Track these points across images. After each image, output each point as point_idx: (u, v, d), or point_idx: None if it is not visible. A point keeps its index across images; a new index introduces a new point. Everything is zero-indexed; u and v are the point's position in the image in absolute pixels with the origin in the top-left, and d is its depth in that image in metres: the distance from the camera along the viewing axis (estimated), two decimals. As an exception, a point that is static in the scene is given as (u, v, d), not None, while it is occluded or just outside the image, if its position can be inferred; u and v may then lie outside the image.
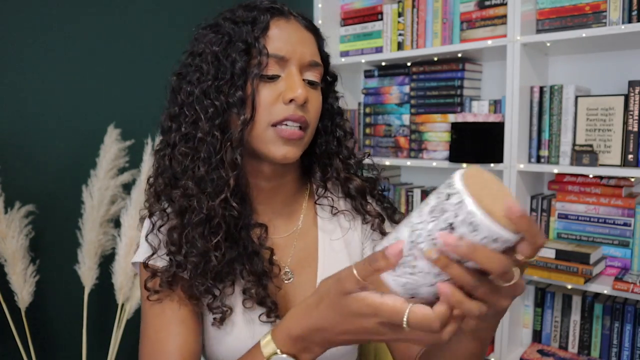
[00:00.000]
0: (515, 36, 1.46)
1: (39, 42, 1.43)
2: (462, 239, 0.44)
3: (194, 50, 0.73)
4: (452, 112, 1.71)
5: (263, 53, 0.69)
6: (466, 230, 0.44)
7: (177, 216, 0.72)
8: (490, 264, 0.44)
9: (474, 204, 0.43)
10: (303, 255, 0.81)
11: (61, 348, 1.52)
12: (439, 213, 0.45)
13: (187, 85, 0.72)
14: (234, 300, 0.74)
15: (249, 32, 0.70)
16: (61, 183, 1.49)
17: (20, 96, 1.41)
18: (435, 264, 0.45)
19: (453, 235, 0.44)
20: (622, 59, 1.53)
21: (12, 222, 1.33)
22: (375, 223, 0.83)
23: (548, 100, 1.50)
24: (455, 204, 0.44)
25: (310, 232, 0.83)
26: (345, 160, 0.83)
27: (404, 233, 0.48)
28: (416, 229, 0.47)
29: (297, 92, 0.70)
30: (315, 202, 0.84)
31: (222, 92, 0.69)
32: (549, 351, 1.54)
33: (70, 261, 1.46)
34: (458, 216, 0.44)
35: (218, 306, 0.72)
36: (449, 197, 0.45)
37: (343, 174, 0.82)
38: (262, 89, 0.70)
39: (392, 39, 1.83)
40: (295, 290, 0.79)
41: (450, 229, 0.44)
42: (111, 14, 1.56)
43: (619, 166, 1.39)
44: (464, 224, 0.44)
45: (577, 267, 1.38)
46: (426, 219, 0.46)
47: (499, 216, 0.43)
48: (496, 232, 0.43)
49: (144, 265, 0.76)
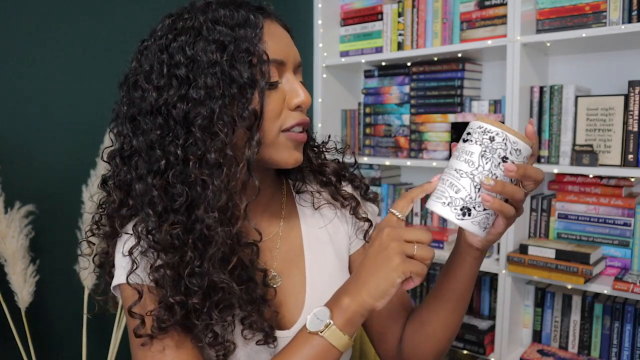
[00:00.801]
0: (515, 36, 1.46)
1: (39, 42, 1.43)
2: (515, 164, 0.59)
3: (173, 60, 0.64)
4: (452, 112, 1.71)
5: (264, 60, 0.65)
6: (514, 156, 0.59)
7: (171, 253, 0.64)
8: (536, 174, 0.61)
9: (512, 135, 0.59)
10: (289, 257, 0.79)
11: (61, 348, 1.52)
12: (491, 153, 0.59)
13: (180, 102, 0.63)
14: (236, 332, 0.70)
15: (248, 37, 0.64)
16: (61, 183, 1.49)
17: (20, 96, 1.41)
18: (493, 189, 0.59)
19: (509, 164, 0.59)
20: (622, 59, 1.52)
21: (12, 222, 1.33)
22: (352, 206, 0.82)
23: (548, 100, 1.50)
24: (501, 141, 0.59)
25: (294, 231, 0.81)
26: (313, 148, 0.82)
27: (465, 182, 0.60)
28: (475, 175, 0.60)
29: (302, 97, 0.69)
30: (297, 192, 0.83)
31: (231, 109, 0.63)
32: (549, 351, 1.54)
33: (70, 261, 1.46)
34: (507, 149, 0.59)
35: (221, 342, 0.66)
36: (492, 139, 0.59)
37: (315, 162, 0.81)
38: (267, 99, 0.66)
39: (392, 39, 1.83)
40: (285, 293, 0.77)
41: (502, 160, 0.59)
42: (111, 13, 1.56)
43: (619, 166, 1.39)
44: (513, 152, 0.59)
45: (577, 267, 1.38)
46: (481, 163, 0.59)
47: (524, 137, 0.60)
48: (528, 149, 0.61)
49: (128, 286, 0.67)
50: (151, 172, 0.64)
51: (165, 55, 0.65)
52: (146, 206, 0.65)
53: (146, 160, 0.65)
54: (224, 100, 0.63)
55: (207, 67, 0.63)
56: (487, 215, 0.61)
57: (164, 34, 0.67)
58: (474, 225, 0.61)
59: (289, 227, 0.81)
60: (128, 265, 0.67)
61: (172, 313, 0.64)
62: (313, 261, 0.80)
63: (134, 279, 0.67)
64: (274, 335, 0.70)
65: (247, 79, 0.63)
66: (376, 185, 1.96)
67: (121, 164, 0.68)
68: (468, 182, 0.60)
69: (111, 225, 0.71)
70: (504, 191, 0.59)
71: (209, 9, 0.66)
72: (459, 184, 0.60)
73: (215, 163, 0.63)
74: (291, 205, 0.84)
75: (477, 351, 1.60)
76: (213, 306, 0.65)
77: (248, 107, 0.64)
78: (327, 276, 0.80)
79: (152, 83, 0.65)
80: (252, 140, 0.64)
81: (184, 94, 0.63)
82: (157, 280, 0.65)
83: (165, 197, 0.64)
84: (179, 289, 0.64)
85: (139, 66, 0.68)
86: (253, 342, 0.70)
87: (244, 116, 0.63)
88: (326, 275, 0.80)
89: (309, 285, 0.78)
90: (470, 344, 1.61)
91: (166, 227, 0.63)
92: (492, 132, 0.59)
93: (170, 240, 0.64)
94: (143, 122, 0.65)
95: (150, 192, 0.64)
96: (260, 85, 0.64)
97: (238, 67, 0.63)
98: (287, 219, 0.82)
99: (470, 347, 1.61)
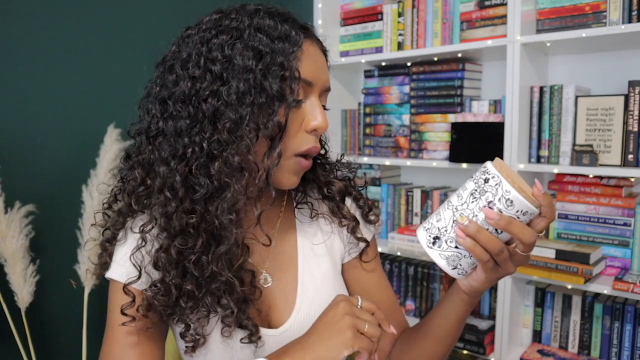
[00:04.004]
0: (515, 36, 1.46)
1: (39, 42, 1.43)
2: (501, 213, 0.56)
3: (210, 55, 0.65)
4: (452, 112, 1.71)
5: (295, 77, 0.66)
6: (503, 206, 0.56)
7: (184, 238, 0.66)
8: (522, 233, 0.57)
9: (508, 184, 0.55)
10: (281, 259, 0.80)
11: (61, 348, 1.52)
12: (480, 194, 0.57)
13: (211, 97, 0.64)
14: (209, 328, 0.72)
15: (285, 52, 0.65)
16: (61, 183, 1.49)
17: (20, 96, 1.41)
18: (465, 230, 0.57)
19: (488, 210, 0.56)
20: (622, 59, 1.53)
21: (12, 222, 1.33)
22: (350, 227, 0.83)
23: (548, 100, 1.50)
24: (494, 185, 0.56)
25: (289, 237, 0.82)
26: (323, 164, 0.83)
27: (447, 214, 0.59)
28: (458, 210, 0.58)
29: (320, 121, 0.69)
30: (295, 206, 0.84)
31: (258, 118, 0.64)
32: (549, 351, 1.54)
33: (70, 261, 1.46)
34: (497, 195, 0.56)
35: (192, 334, 0.70)
36: (486, 180, 0.57)
37: (322, 178, 0.82)
38: (290, 115, 0.67)
39: (392, 39, 1.83)
40: (274, 293, 0.78)
41: (488, 205, 0.56)
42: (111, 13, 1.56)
43: (619, 166, 1.39)
44: (502, 201, 0.56)
45: (577, 267, 1.38)
46: (467, 201, 0.58)
47: (527, 193, 0.56)
48: (526, 206, 0.56)
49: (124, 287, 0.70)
50: (175, 157, 0.66)
51: (205, 48, 0.66)
52: (167, 189, 0.66)
53: (171, 145, 0.66)
54: (253, 108, 0.64)
55: (242, 72, 0.64)
56: (459, 254, 0.60)
57: (208, 28, 0.68)
58: (441, 258, 0.60)
59: (284, 232, 0.82)
60: (133, 242, 0.70)
61: (168, 294, 0.66)
62: (306, 265, 0.81)
63: (137, 257, 0.69)
64: (258, 334, 0.72)
65: (276, 92, 0.64)
66: (376, 185, 1.96)
67: (146, 142, 0.69)
68: (449, 215, 0.59)
69: (128, 203, 0.71)
70: (477, 236, 0.57)
71: (256, 15, 0.68)
72: (443, 213, 0.60)
73: (238, 166, 0.64)
74: (289, 212, 0.85)
75: (477, 351, 1.60)
76: (207, 294, 0.67)
77: (273, 118, 0.64)
78: (319, 280, 0.81)
79: (188, 71, 0.66)
80: (274, 151, 0.66)
81: (215, 90, 0.64)
82: (158, 263, 0.67)
83: (185, 184, 0.66)
84: (178, 272, 0.67)
85: (178, 52, 0.69)
86: (234, 340, 0.72)
87: (268, 126, 0.64)
88: (319, 279, 0.81)
89: (300, 288, 0.79)
90: (470, 344, 1.61)
91: (183, 214, 0.65)
92: (489, 174, 0.57)
93: (185, 227, 0.66)
94: (173, 107, 0.66)
95: (173, 176, 0.65)
96: (288, 100, 0.65)
97: (270, 78, 0.64)
98: (283, 224, 0.83)
99: (470, 347, 1.61)
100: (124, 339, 0.70)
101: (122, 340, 0.70)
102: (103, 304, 0.77)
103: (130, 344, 0.70)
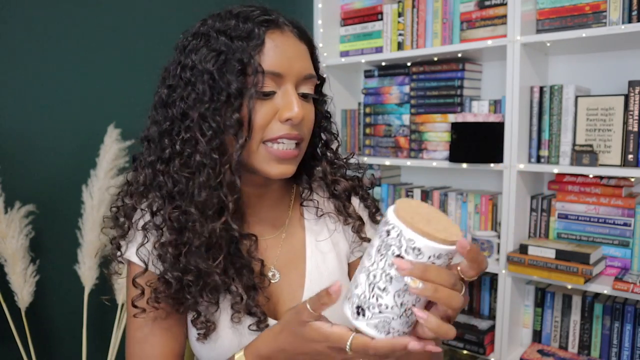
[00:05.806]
0: (515, 36, 1.46)
1: (39, 42, 1.43)
2: (409, 262, 0.49)
3: (184, 62, 0.70)
4: (452, 112, 1.71)
5: (259, 71, 0.67)
6: (412, 256, 0.49)
7: (173, 233, 0.71)
8: (440, 279, 0.49)
9: (411, 231, 0.49)
10: (290, 257, 0.82)
11: (61, 348, 1.52)
12: (385, 249, 0.51)
13: (180, 101, 0.70)
14: (219, 315, 0.75)
15: (244, 49, 0.67)
16: (61, 183, 1.49)
17: (20, 96, 1.41)
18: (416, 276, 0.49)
19: (399, 260, 0.49)
20: (622, 59, 1.52)
21: (12, 222, 1.33)
22: (356, 226, 0.83)
23: (548, 100, 1.50)
24: (396, 237, 0.50)
25: (297, 234, 0.84)
26: (332, 162, 0.84)
27: (362, 278, 0.53)
28: (370, 271, 0.52)
29: (294, 111, 0.69)
30: (301, 204, 0.85)
31: (219, 114, 0.68)
32: (549, 351, 1.54)
33: (70, 261, 1.46)
34: (402, 246, 0.49)
35: (202, 322, 0.73)
36: (388, 233, 0.51)
37: (330, 177, 0.82)
38: (258, 107, 0.69)
39: (392, 39, 1.83)
40: (282, 289, 0.79)
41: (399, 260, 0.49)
42: (111, 13, 1.56)
43: (619, 166, 1.39)
44: (409, 251, 0.49)
45: (577, 267, 1.38)
46: (376, 259, 0.51)
47: (434, 235, 0.49)
48: (437, 249, 0.49)
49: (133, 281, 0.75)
50: (159, 159, 0.72)
51: (183, 56, 0.71)
52: (154, 189, 0.72)
53: (155, 148, 0.72)
54: (212, 106, 0.68)
55: (202, 74, 0.68)
56: (386, 317, 0.51)
57: (186, 36, 0.73)
58: (369, 328, 0.52)
59: (293, 229, 0.84)
60: (139, 238, 0.74)
61: (168, 286, 0.71)
62: (314, 261, 0.82)
63: (143, 252, 0.73)
64: (266, 322, 0.73)
65: (235, 89, 0.67)
66: (376, 185, 1.96)
67: (146, 147, 0.75)
68: (364, 279, 0.52)
69: (130, 204, 0.76)
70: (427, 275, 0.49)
71: (222, 19, 0.71)
72: (358, 278, 0.53)
73: (199, 163, 0.69)
74: (298, 210, 0.86)
75: (477, 351, 1.60)
76: (206, 286, 0.71)
77: (233, 116, 0.67)
78: (326, 277, 0.82)
79: (168, 79, 0.72)
80: (237, 144, 0.68)
81: (184, 95, 0.69)
82: (160, 255, 0.71)
83: (167, 184, 0.71)
84: (177, 266, 0.70)
85: (169, 61, 0.75)
86: (243, 327, 0.74)
87: (228, 124, 0.67)
88: (326, 276, 0.82)
89: (307, 284, 0.80)
90: (470, 344, 1.61)
91: (169, 209, 0.70)
92: (388, 224, 0.51)
93: (170, 222, 0.70)
94: (157, 113, 0.73)
95: (157, 176, 0.72)
96: (249, 93, 0.67)
97: (228, 76, 0.67)
98: (292, 223, 0.84)
99: (470, 347, 1.61)
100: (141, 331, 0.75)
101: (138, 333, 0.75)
102: (103, 304, 0.77)
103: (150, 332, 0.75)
